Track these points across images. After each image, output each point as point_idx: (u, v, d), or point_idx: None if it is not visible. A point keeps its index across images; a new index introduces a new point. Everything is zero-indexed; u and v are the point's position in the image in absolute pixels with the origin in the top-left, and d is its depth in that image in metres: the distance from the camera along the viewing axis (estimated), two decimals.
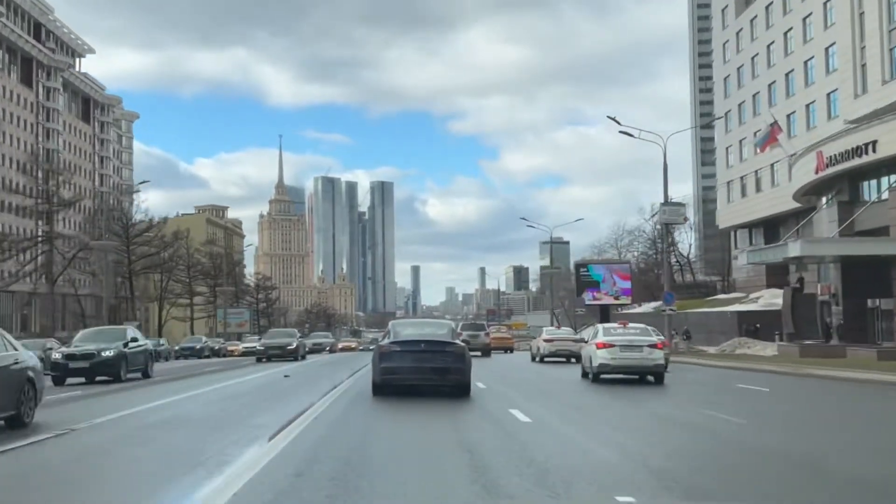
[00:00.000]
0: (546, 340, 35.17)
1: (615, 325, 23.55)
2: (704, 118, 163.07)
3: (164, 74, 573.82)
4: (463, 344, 16.68)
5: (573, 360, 31.86)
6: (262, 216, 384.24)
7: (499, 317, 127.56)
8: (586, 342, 24.38)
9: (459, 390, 15.44)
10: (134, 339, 24.17)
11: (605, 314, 56.17)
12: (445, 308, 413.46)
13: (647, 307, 70.13)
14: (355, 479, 7.05)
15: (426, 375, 15.32)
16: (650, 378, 20.77)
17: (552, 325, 59.36)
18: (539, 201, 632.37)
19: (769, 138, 47.64)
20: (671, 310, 43.06)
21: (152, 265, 76.86)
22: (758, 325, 50.76)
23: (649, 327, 23.82)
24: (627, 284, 59.59)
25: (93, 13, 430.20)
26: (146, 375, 24.34)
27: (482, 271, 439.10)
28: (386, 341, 16.08)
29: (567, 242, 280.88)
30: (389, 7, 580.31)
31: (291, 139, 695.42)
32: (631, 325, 23.10)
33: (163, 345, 49.08)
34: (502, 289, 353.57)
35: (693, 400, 17.00)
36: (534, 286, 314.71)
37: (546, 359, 34.12)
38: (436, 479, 7.28)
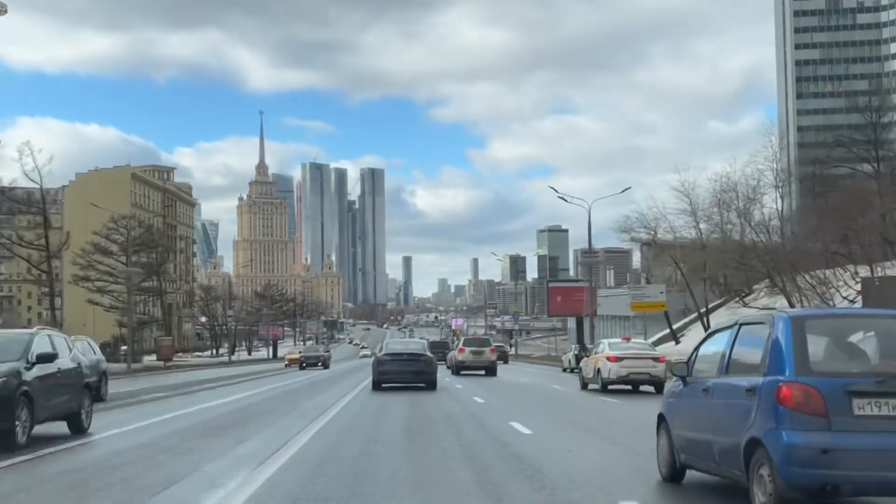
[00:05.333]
0: (612, 359, 23.78)
1: None
2: (801, 33, 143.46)
3: (136, 57, 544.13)
4: (432, 355, 26.10)
5: (650, 388, 24.00)
6: (241, 199, 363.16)
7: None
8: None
9: (429, 385, 24.45)
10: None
11: None
12: (438, 300, 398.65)
13: None
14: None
15: (407, 376, 24.63)
16: None
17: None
18: (529, 192, 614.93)
19: None
20: None
21: None
22: None
23: None
24: None
25: None
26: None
27: (475, 262, 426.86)
28: (381, 353, 26.21)
29: (566, 230, 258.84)
30: None
31: (273, 126, 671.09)
32: None
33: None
34: (496, 279, 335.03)
35: None
36: (531, 277, 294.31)
37: (610, 386, 24.25)
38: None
